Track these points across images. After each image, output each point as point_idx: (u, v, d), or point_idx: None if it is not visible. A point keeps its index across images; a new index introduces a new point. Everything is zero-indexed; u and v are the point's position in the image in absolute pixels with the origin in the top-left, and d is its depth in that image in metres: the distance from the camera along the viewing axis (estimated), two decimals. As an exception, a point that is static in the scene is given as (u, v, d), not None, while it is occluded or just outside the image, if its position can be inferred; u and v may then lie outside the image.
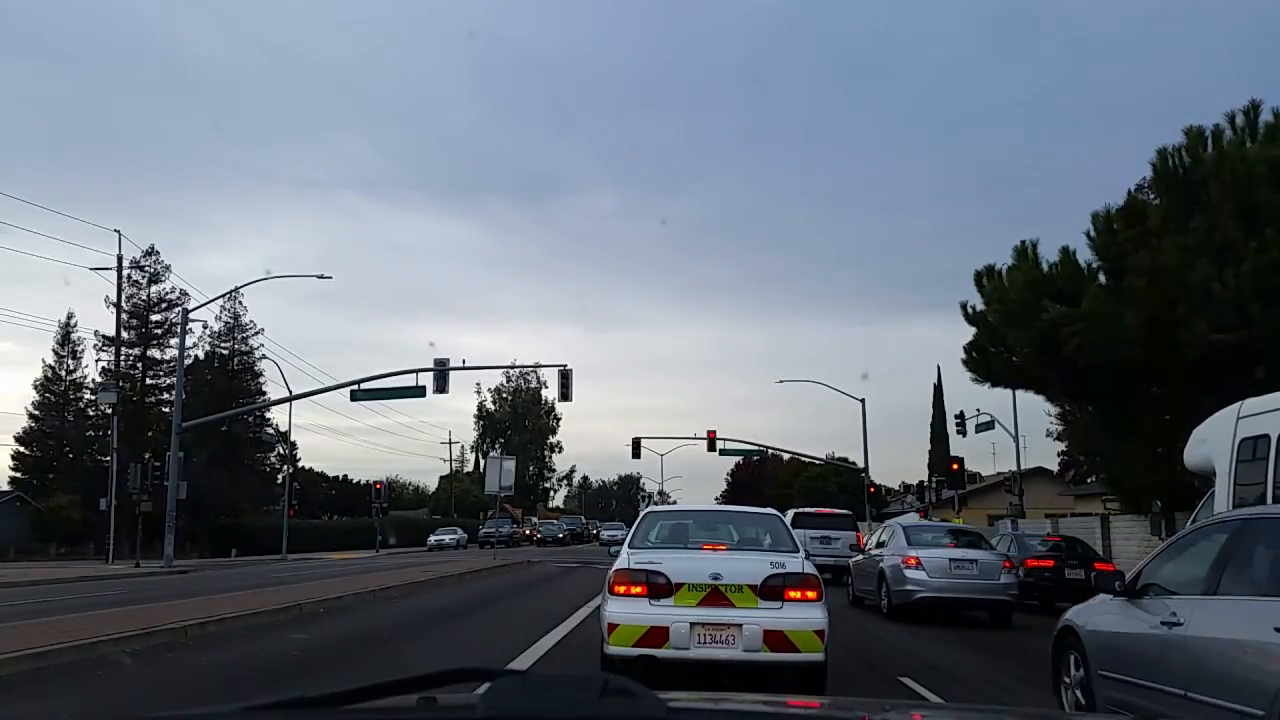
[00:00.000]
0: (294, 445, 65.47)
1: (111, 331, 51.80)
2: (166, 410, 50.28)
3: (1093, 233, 22.30)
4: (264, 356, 61.89)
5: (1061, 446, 49.89)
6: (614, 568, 8.60)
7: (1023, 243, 23.83)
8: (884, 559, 16.85)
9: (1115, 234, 21.29)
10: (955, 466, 40.95)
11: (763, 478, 71.95)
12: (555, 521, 77.68)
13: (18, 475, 57.73)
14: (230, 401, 55.69)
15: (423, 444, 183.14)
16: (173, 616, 13.52)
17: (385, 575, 24.87)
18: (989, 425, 42.28)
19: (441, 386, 38.17)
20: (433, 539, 61.07)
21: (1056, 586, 18.50)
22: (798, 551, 8.87)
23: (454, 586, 23.10)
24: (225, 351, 62.34)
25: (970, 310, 25.38)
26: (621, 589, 8.30)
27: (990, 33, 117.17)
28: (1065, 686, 7.65)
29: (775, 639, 7.87)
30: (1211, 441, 11.52)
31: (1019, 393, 32.57)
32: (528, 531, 68.92)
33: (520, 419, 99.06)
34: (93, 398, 57.04)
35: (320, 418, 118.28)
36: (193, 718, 3.34)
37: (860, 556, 19.43)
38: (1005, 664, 11.18)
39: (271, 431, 63.78)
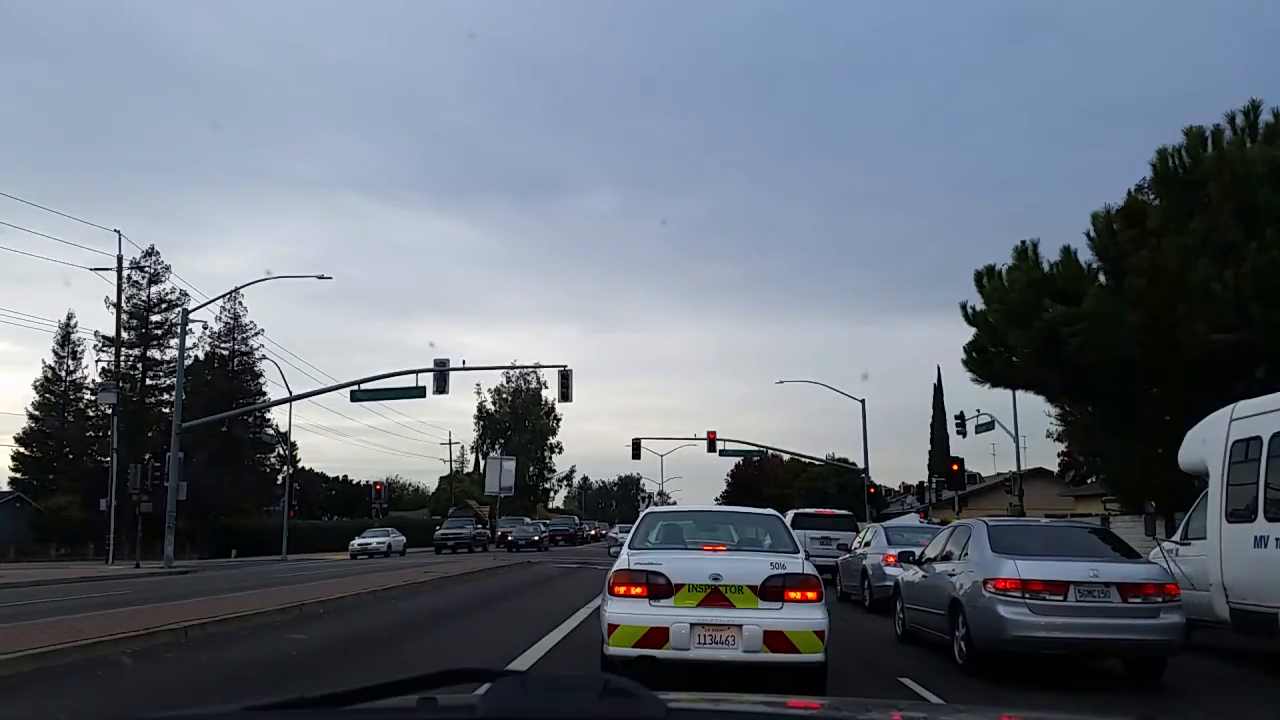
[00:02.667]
0: (294, 446, 65.55)
1: (111, 332, 51.89)
2: (166, 411, 50.32)
3: (1093, 233, 22.28)
4: (264, 357, 61.98)
5: (1061, 447, 49.90)
6: (614, 568, 8.60)
7: (1023, 243, 23.81)
8: (867, 557, 17.95)
9: (1115, 234, 21.28)
10: (955, 467, 40.99)
11: (763, 478, 71.90)
12: (530, 522, 61.03)
13: (18, 475, 57.80)
14: (230, 402, 55.69)
15: (423, 444, 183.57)
16: (173, 617, 13.52)
17: (385, 575, 24.86)
18: (989, 426, 42.27)
19: (441, 387, 38.15)
20: (356, 543, 48.03)
21: None
22: (798, 552, 8.87)
23: (454, 587, 23.10)
24: (225, 352, 62.38)
25: (970, 310, 25.35)
26: (621, 590, 8.30)
27: (991, 33, 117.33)
28: (895, 614, 13.56)
29: (775, 639, 7.87)
30: (1205, 443, 11.53)
31: (1019, 393, 32.53)
32: (508, 534, 54.44)
33: (520, 419, 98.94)
34: (93, 398, 57.09)
35: (320, 418, 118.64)
36: (193, 718, 3.34)
37: (847, 555, 20.46)
38: (998, 661, 11.17)
39: (271, 432, 63.77)
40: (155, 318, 57.36)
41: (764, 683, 8.06)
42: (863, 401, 48.61)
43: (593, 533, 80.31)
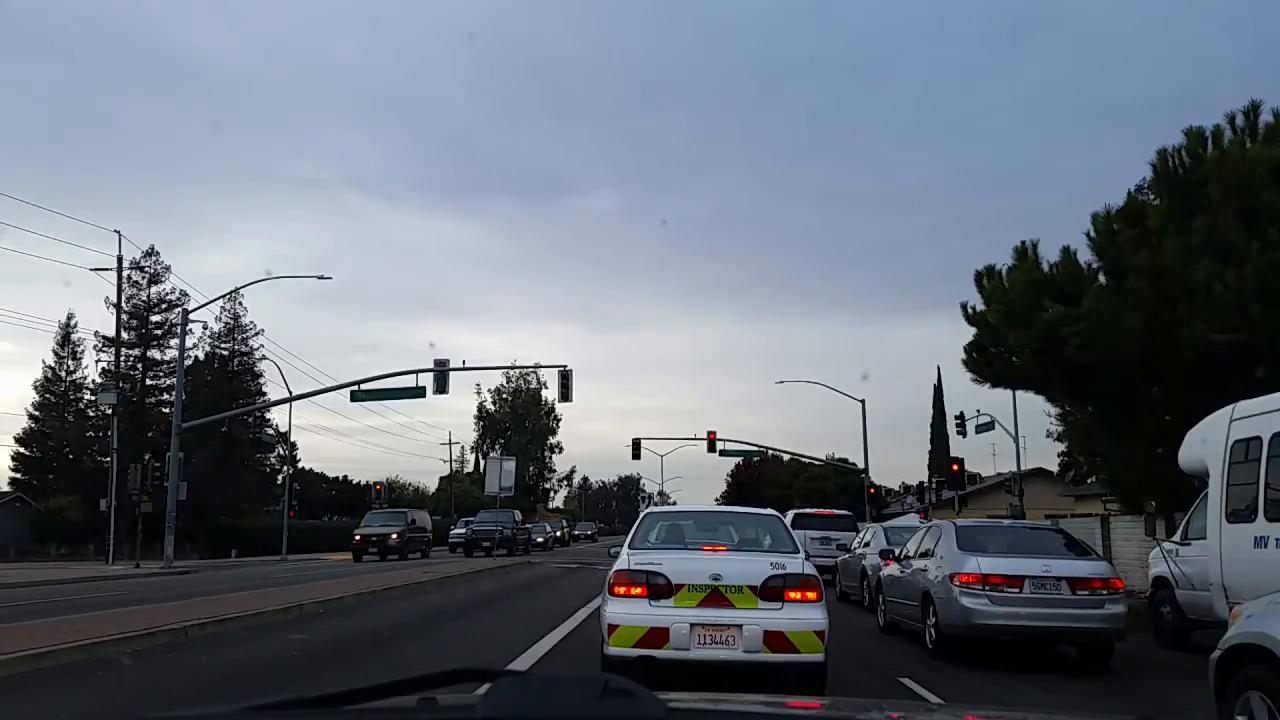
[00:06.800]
0: (294, 446, 65.48)
1: (111, 332, 51.78)
2: (166, 411, 50.31)
3: (1093, 233, 22.23)
4: (264, 357, 61.90)
5: (1061, 447, 49.77)
6: (614, 569, 8.59)
7: (1023, 243, 23.72)
8: (866, 557, 18.15)
9: (1115, 234, 21.23)
10: (955, 467, 40.94)
11: (763, 478, 71.85)
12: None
13: (18, 476, 57.80)
14: (230, 402, 55.65)
15: (423, 444, 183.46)
16: (173, 617, 13.52)
17: (385, 576, 24.85)
18: (989, 426, 42.22)
19: (441, 387, 38.15)
20: None
21: None
22: (798, 552, 8.86)
23: (455, 587, 23.10)
24: (225, 352, 62.36)
25: (970, 310, 25.29)
26: (621, 590, 8.30)
27: (992, 33, 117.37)
28: (878, 606, 14.94)
29: (775, 640, 7.87)
30: (1205, 443, 11.52)
31: (1019, 393, 32.43)
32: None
33: (520, 419, 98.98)
34: (93, 398, 57.10)
35: (320, 418, 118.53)
36: (193, 718, 3.34)
37: (847, 555, 20.76)
38: (996, 662, 11.18)
39: (271, 432, 63.76)
40: (155, 318, 57.41)
41: (764, 683, 8.05)
42: (863, 402, 48.65)
43: (556, 534, 64.26)
